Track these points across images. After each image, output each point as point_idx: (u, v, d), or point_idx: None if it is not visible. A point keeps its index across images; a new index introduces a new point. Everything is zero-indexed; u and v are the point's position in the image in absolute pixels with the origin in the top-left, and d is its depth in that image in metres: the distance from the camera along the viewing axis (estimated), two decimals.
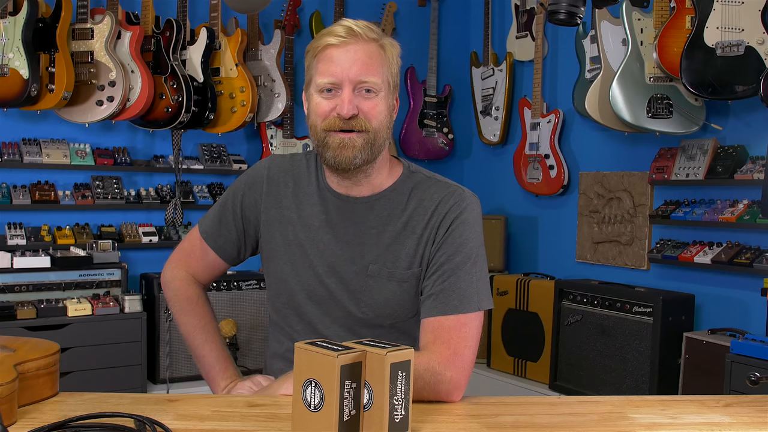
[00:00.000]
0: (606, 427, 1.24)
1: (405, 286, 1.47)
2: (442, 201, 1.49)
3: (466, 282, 1.42)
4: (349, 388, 1.10)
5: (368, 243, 1.49)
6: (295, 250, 1.53)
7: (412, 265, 1.47)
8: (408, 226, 1.48)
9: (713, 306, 3.15)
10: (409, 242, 1.47)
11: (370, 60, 1.39)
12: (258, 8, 3.62)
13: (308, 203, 1.53)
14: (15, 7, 3.11)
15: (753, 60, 2.65)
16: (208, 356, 1.62)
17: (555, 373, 3.45)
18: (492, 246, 4.03)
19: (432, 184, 1.52)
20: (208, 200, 3.77)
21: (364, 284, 1.48)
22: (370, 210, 1.50)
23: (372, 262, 1.48)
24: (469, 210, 1.48)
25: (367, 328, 1.51)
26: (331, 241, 1.50)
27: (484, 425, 1.23)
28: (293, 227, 1.53)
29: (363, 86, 1.39)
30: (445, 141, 4.43)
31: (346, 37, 1.39)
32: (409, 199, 1.50)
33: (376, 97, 1.41)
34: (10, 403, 1.13)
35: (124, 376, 3.21)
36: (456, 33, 4.59)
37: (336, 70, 1.38)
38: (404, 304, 1.49)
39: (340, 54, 1.39)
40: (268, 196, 1.56)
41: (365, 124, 1.40)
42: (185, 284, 1.67)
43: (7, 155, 3.35)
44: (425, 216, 1.48)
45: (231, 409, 1.28)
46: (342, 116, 1.38)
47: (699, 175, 3.12)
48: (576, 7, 1.93)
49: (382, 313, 1.49)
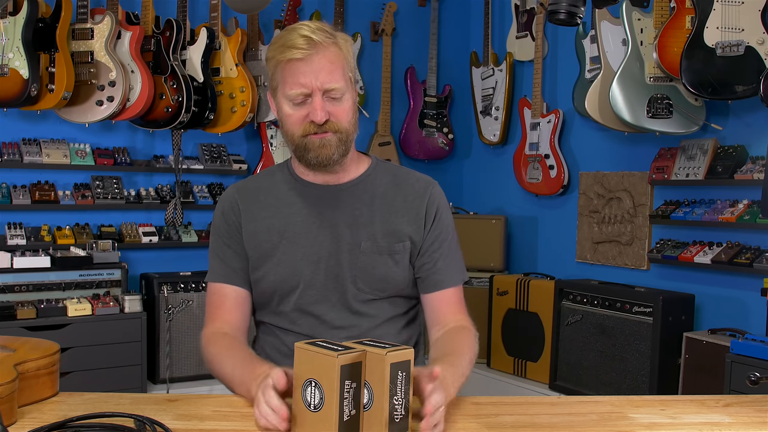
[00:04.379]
0: (606, 427, 1.24)
1: (397, 258, 1.59)
2: (425, 187, 1.65)
3: (458, 256, 1.67)
4: (349, 388, 1.10)
5: (356, 223, 1.59)
6: (285, 249, 1.58)
7: (403, 238, 1.60)
8: (393, 205, 1.62)
9: (713, 306, 3.15)
10: (396, 219, 1.61)
11: (332, 66, 1.49)
12: (258, 8, 3.62)
13: (286, 204, 1.62)
14: (15, 7, 3.10)
15: (753, 60, 2.65)
16: (233, 375, 1.44)
17: (555, 373, 3.45)
18: (492, 246, 4.04)
19: (406, 172, 1.69)
20: (208, 200, 3.77)
21: (358, 261, 1.57)
22: (351, 194, 1.61)
23: (364, 240, 1.58)
24: (444, 196, 1.69)
25: (365, 304, 1.59)
26: (319, 228, 1.59)
27: (484, 425, 1.23)
28: (277, 230, 1.59)
29: (330, 94, 1.49)
30: (445, 141, 4.43)
31: (307, 49, 1.46)
32: (387, 182, 1.64)
33: (342, 101, 1.51)
34: (10, 403, 1.13)
35: (124, 376, 3.21)
36: (456, 33, 4.59)
37: (304, 81, 1.47)
38: (397, 276, 1.60)
39: (305, 66, 1.47)
40: (245, 213, 1.62)
41: (337, 126, 1.51)
42: (210, 338, 1.57)
43: (7, 155, 3.35)
44: (412, 198, 1.63)
45: (231, 409, 1.28)
46: (317, 122, 1.48)
47: (699, 175, 3.12)
48: (576, 7, 1.93)
49: (379, 287, 1.59)
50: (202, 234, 3.76)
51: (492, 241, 4.04)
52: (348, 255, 1.57)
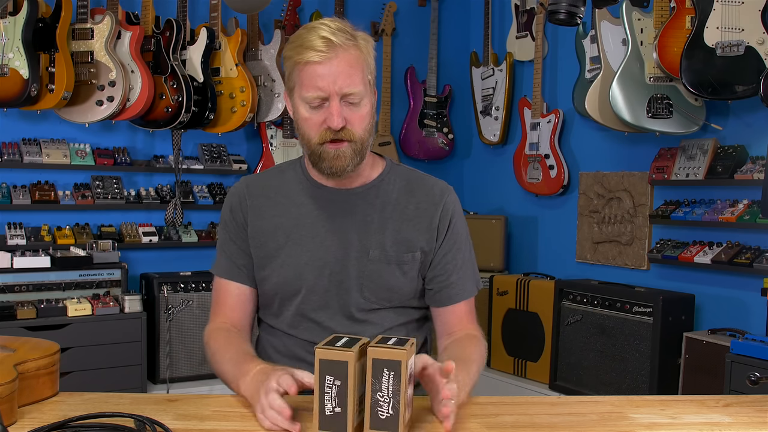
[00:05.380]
0: (606, 427, 1.24)
1: (405, 269, 1.55)
2: (439, 194, 1.61)
3: (472, 265, 1.64)
4: (332, 384, 1.11)
5: (366, 230, 1.55)
6: (290, 251, 1.55)
7: (413, 249, 1.56)
8: (405, 213, 1.57)
9: (713, 306, 3.15)
10: (407, 228, 1.56)
11: (351, 70, 1.44)
12: (258, 8, 3.62)
13: (296, 204, 1.58)
14: (15, 7, 3.10)
15: (753, 60, 2.65)
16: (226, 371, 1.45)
17: (555, 373, 3.45)
18: (492, 246, 4.04)
19: (421, 177, 1.64)
20: (208, 200, 3.77)
21: (366, 270, 1.54)
22: (363, 199, 1.57)
23: (372, 248, 1.54)
24: (459, 203, 1.65)
25: (369, 313, 1.56)
26: (327, 233, 1.55)
27: (484, 425, 1.23)
28: (284, 231, 1.56)
29: (348, 99, 1.45)
30: (445, 141, 4.43)
31: (326, 51, 1.42)
32: (400, 188, 1.60)
33: (360, 106, 1.47)
34: (10, 403, 1.13)
35: (124, 376, 3.21)
36: (456, 33, 4.59)
37: (322, 85, 1.43)
38: (405, 287, 1.57)
39: (324, 69, 1.43)
40: (252, 209, 1.59)
41: (352, 134, 1.46)
42: (211, 334, 1.57)
43: (7, 155, 3.35)
44: (426, 206, 1.58)
45: (231, 409, 1.28)
46: (333, 128, 1.44)
47: (699, 175, 3.12)
48: (576, 7, 1.93)
49: (385, 296, 1.56)
50: (202, 234, 3.76)
51: (492, 241, 4.04)
52: (355, 262, 1.54)
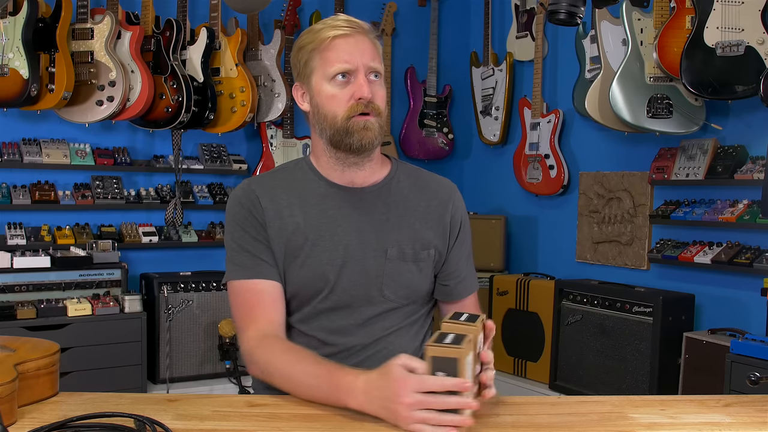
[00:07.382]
0: (606, 427, 1.24)
1: (422, 266, 1.56)
2: (448, 193, 1.64)
3: (472, 260, 1.69)
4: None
5: (383, 229, 1.54)
6: (309, 252, 1.51)
7: (428, 246, 1.57)
8: (417, 211, 1.58)
9: (713, 306, 3.15)
10: (421, 226, 1.57)
11: (374, 49, 1.49)
12: (258, 8, 3.62)
13: (310, 204, 1.53)
14: (15, 7, 3.10)
15: (753, 60, 2.65)
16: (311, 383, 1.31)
17: (555, 373, 3.45)
18: (492, 246, 4.04)
19: (427, 175, 1.67)
20: (208, 200, 3.77)
21: (385, 268, 1.53)
22: (377, 198, 1.57)
23: (390, 246, 1.54)
24: (463, 201, 1.69)
25: (383, 312, 1.54)
26: (344, 232, 1.52)
27: (484, 425, 1.23)
28: (301, 231, 1.51)
29: (373, 72, 1.48)
30: (445, 141, 4.43)
31: (348, 28, 1.47)
32: (410, 186, 1.61)
33: (382, 83, 1.51)
34: (10, 403, 1.13)
35: (124, 376, 3.21)
36: (456, 33, 4.59)
37: (348, 57, 1.45)
38: (421, 284, 1.58)
39: (349, 42, 1.46)
40: (267, 210, 1.52)
41: (378, 108, 1.49)
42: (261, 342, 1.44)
43: (7, 155, 3.35)
44: (436, 204, 1.61)
45: (231, 409, 1.28)
46: (364, 98, 1.45)
47: (699, 175, 3.12)
48: (576, 7, 1.93)
49: (403, 294, 1.55)
50: (202, 234, 3.76)
51: (492, 241, 4.04)
52: (374, 261, 1.52)
